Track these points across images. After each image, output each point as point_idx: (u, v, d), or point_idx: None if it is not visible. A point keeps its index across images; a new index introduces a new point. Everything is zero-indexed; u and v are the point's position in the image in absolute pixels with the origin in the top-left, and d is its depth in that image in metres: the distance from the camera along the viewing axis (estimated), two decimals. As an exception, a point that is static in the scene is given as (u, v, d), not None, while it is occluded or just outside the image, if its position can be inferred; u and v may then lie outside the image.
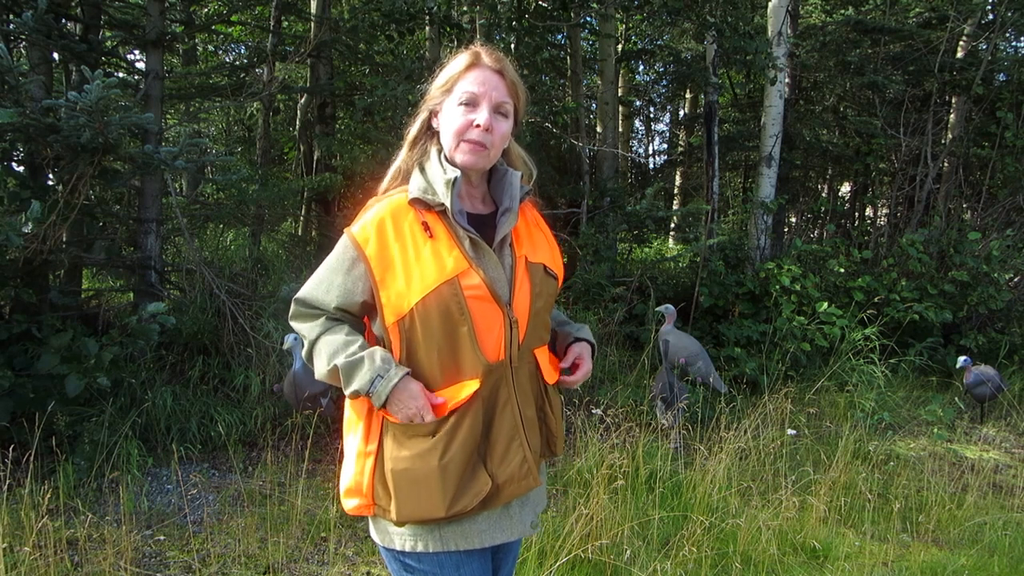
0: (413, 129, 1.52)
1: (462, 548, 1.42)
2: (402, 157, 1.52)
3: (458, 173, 1.42)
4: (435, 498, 1.37)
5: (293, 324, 1.49)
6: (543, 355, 1.53)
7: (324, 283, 1.44)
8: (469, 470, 1.39)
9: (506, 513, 1.47)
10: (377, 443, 1.43)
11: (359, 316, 1.47)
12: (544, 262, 1.51)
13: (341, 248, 1.44)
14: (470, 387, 1.39)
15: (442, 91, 1.47)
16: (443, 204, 1.40)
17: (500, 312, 1.39)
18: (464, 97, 1.42)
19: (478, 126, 1.41)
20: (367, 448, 1.44)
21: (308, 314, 1.46)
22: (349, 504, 1.47)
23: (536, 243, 1.53)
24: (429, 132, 1.51)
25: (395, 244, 1.39)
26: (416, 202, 1.42)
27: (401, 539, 1.42)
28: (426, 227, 1.40)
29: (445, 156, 1.46)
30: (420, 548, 1.42)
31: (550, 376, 1.54)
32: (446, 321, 1.36)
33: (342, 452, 1.53)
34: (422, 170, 1.46)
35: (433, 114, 1.49)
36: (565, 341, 1.64)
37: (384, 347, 1.42)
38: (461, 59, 1.46)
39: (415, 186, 1.43)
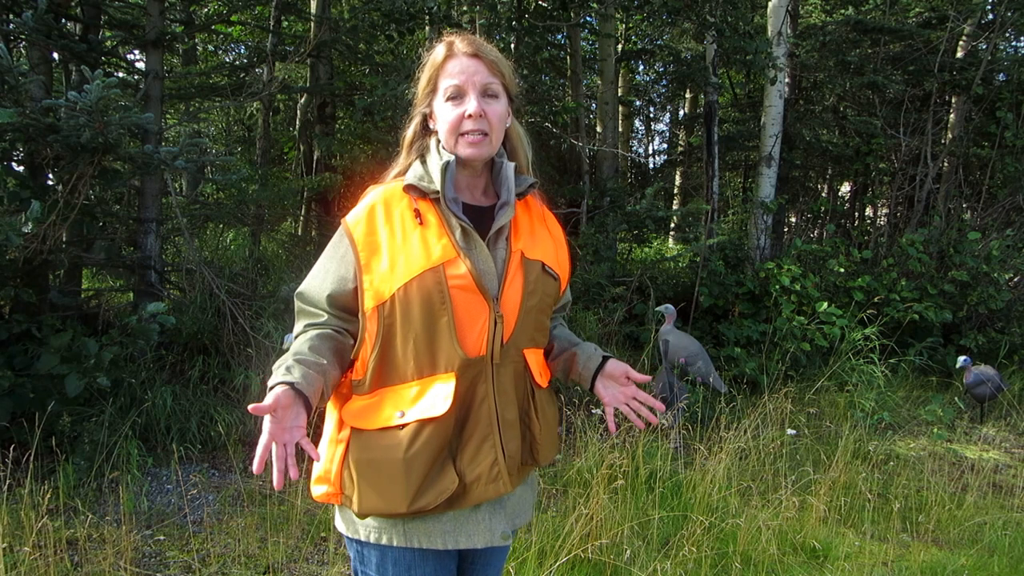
0: (408, 133, 1.50)
1: (425, 546, 1.38)
2: (401, 160, 1.51)
3: (452, 158, 1.40)
4: (397, 492, 1.33)
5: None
6: (535, 357, 1.47)
7: (320, 273, 1.42)
8: (437, 466, 1.34)
9: (473, 517, 1.40)
10: (349, 431, 1.40)
11: (352, 311, 1.41)
12: (543, 259, 1.46)
13: (335, 236, 1.43)
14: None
15: (427, 92, 1.45)
16: (438, 191, 1.38)
17: (486, 306, 1.35)
18: (449, 91, 1.41)
19: (470, 116, 1.39)
20: (339, 436, 1.41)
21: (302, 311, 1.44)
22: (317, 491, 1.44)
23: (538, 239, 1.48)
24: (425, 132, 1.49)
25: (383, 229, 1.37)
26: (411, 188, 1.40)
27: (366, 530, 1.40)
28: (417, 213, 1.38)
29: (443, 146, 1.44)
30: (384, 541, 1.39)
31: (542, 379, 1.48)
32: (426, 310, 1.32)
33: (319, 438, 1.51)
34: (423, 161, 1.46)
35: (427, 117, 1.48)
36: (589, 364, 1.52)
37: (362, 336, 1.38)
38: (437, 54, 1.44)
39: (412, 174, 1.43)
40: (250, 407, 1.20)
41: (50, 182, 4.07)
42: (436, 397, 1.33)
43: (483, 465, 1.36)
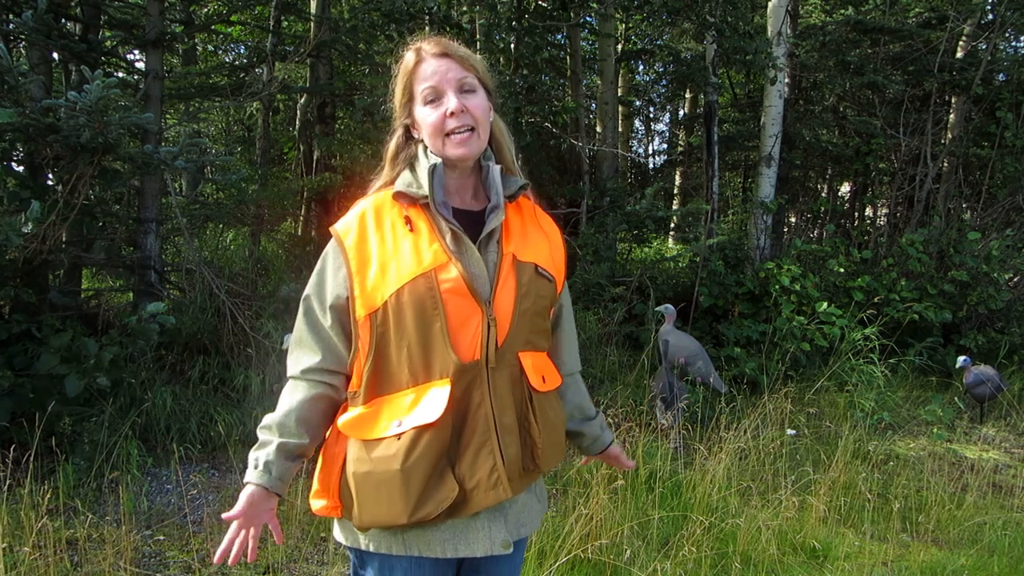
0: (391, 146, 1.49)
1: (425, 554, 1.37)
2: (385, 173, 1.49)
3: (438, 161, 1.40)
4: (397, 504, 1.31)
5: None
6: (532, 360, 1.43)
7: (318, 283, 1.42)
8: (436, 475, 1.32)
9: (472, 524, 1.37)
10: (345, 444, 1.40)
11: (349, 329, 1.41)
12: (536, 261, 1.43)
13: (329, 246, 1.42)
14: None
15: (405, 102, 1.45)
16: (427, 195, 1.38)
17: (478, 309, 1.34)
18: (426, 95, 1.40)
19: (452, 114, 1.38)
20: (336, 448, 1.42)
21: (301, 341, 1.42)
22: (316, 505, 1.44)
23: (530, 241, 1.46)
24: (409, 143, 1.48)
25: (374, 236, 1.37)
26: (400, 196, 1.40)
27: (366, 540, 1.40)
28: (408, 220, 1.37)
29: (431, 151, 1.44)
30: (384, 550, 1.39)
31: (538, 383, 1.44)
32: (419, 315, 1.31)
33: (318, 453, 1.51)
34: (412, 169, 1.45)
35: (409, 128, 1.47)
36: (595, 448, 1.73)
37: (356, 346, 1.39)
38: (407, 62, 1.44)
39: (401, 181, 1.42)
40: (224, 515, 1.39)
41: (50, 182, 4.07)
42: (432, 403, 1.32)
43: (482, 471, 1.34)
